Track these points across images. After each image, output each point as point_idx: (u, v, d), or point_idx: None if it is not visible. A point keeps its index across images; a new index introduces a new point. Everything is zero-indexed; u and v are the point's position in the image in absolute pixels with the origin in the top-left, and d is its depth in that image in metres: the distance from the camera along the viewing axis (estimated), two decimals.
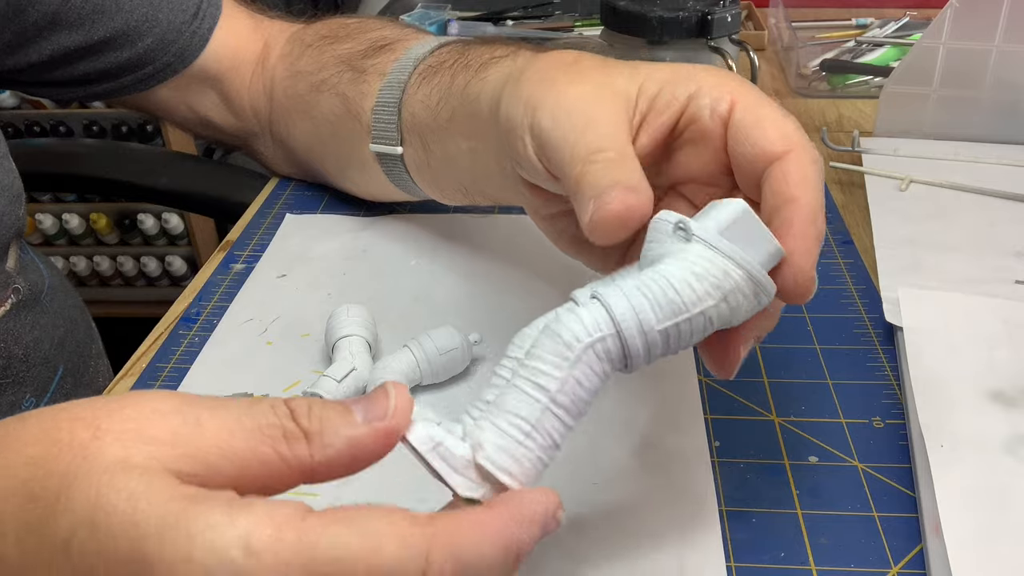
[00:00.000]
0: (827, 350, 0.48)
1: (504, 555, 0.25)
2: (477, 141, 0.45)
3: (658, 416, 0.44)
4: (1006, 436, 0.40)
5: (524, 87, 0.39)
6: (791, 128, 0.35)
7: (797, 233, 0.33)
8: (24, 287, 0.58)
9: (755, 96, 0.36)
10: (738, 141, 0.35)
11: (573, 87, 0.37)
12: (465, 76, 0.47)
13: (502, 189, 0.45)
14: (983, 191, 0.61)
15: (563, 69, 0.39)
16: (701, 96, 0.36)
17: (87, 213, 1.83)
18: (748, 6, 0.98)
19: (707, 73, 0.37)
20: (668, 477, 0.41)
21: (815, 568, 0.36)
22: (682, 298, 0.30)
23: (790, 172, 0.34)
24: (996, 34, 0.64)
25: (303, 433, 0.26)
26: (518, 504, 0.26)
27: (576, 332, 0.29)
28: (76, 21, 0.60)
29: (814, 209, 0.33)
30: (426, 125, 0.50)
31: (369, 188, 0.61)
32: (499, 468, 0.28)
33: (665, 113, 0.37)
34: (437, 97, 0.49)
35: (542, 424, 0.28)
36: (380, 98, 0.54)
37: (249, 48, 0.65)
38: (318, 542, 0.23)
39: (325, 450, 0.26)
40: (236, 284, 0.56)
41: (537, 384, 0.29)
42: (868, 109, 0.77)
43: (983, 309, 0.48)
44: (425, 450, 0.27)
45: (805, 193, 0.33)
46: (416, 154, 0.53)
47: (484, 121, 0.43)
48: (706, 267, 0.30)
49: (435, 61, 0.51)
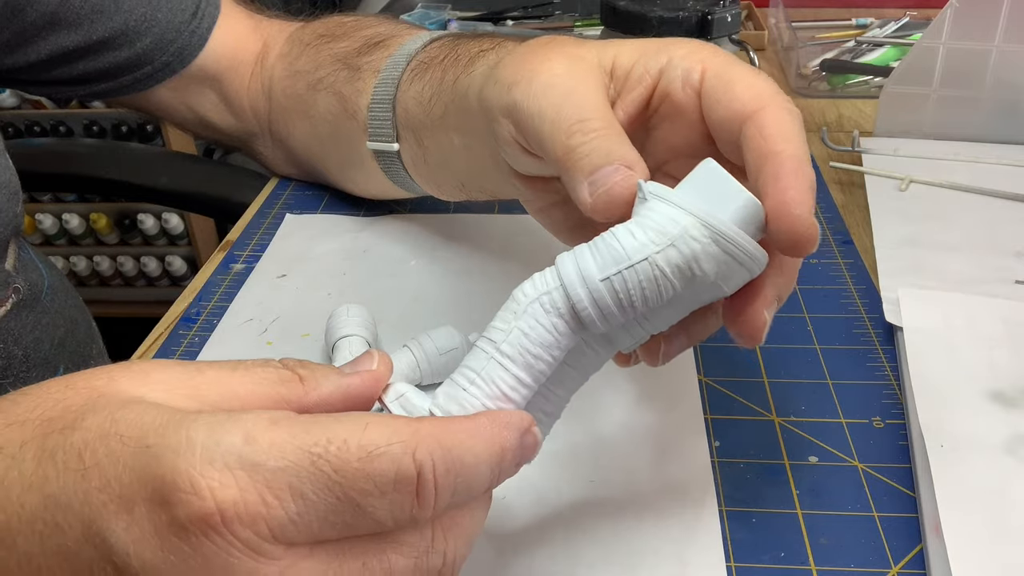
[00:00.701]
0: (827, 350, 0.48)
1: (489, 455, 0.26)
2: (470, 136, 0.45)
3: (658, 416, 0.44)
4: (1006, 436, 0.40)
5: (501, 71, 0.39)
6: (762, 85, 0.34)
7: (784, 185, 0.31)
8: (24, 287, 0.58)
9: (725, 60, 0.35)
10: (711, 107, 0.35)
11: (547, 63, 0.37)
12: (455, 71, 0.47)
13: (498, 184, 0.45)
14: (983, 191, 0.61)
15: (537, 49, 0.38)
16: (672, 68, 0.36)
17: (87, 213, 1.83)
18: (748, 6, 0.98)
19: (677, 45, 0.37)
20: (668, 477, 0.41)
21: (815, 568, 0.36)
22: (622, 245, 0.30)
23: (766, 126, 0.33)
24: (996, 34, 0.64)
25: (297, 376, 0.28)
26: (494, 413, 0.28)
27: (525, 290, 0.30)
28: (75, 21, 0.60)
29: (798, 159, 0.32)
30: (420, 122, 0.50)
31: (369, 186, 0.61)
32: (444, 412, 0.29)
33: (638, 87, 0.37)
34: (429, 93, 0.49)
35: (487, 372, 0.29)
36: (375, 95, 0.54)
37: (248, 48, 0.65)
38: (311, 426, 0.25)
39: (319, 389, 0.28)
40: (236, 284, 0.56)
41: (487, 339, 0.30)
42: (868, 109, 0.77)
43: (983, 309, 0.48)
44: (389, 400, 0.29)
45: (786, 145, 0.32)
46: (412, 150, 0.53)
47: (474, 115, 0.43)
48: (651, 216, 0.30)
49: (426, 57, 0.51)
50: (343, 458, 0.24)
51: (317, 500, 0.24)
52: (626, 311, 0.30)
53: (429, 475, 0.25)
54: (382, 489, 0.24)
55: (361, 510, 0.24)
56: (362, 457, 0.24)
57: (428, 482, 0.25)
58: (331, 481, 0.24)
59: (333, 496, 0.24)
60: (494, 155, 0.42)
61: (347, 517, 0.24)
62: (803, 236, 0.31)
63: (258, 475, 0.23)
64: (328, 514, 0.24)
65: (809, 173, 0.32)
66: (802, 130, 0.34)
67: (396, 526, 0.26)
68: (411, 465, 0.25)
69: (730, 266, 0.30)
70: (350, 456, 0.24)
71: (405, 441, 0.25)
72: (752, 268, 0.31)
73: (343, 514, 0.24)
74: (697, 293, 0.31)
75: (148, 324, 0.54)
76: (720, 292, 0.32)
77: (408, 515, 0.25)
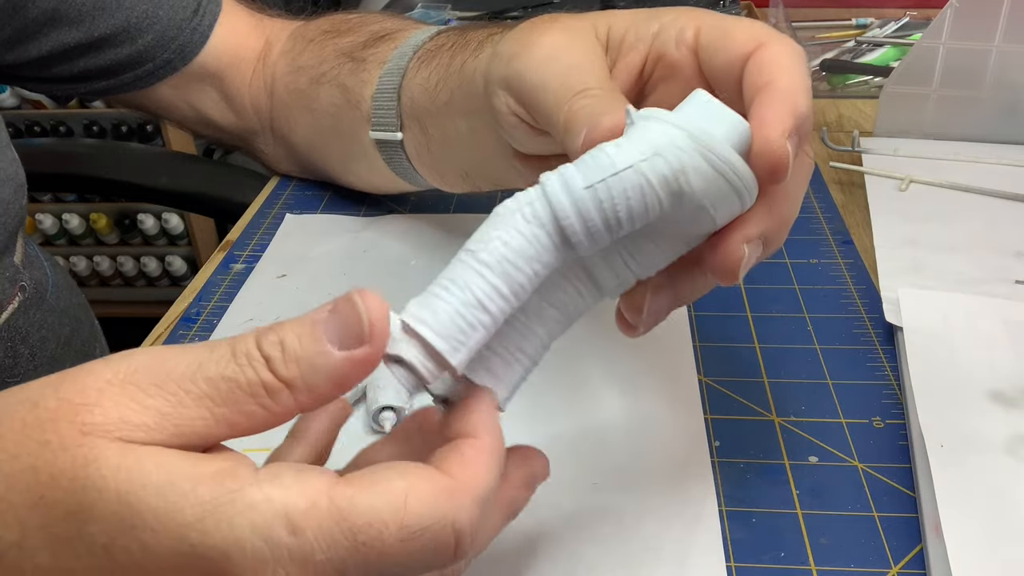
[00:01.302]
0: (827, 350, 0.48)
1: (498, 468, 0.28)
2: (475, 119, 0.45)
3: (658, 415, 0.44)
4: (1006, 436, 0.40)
5: (501, 46, 0.40)
6: (759, 27, 0.34)
7: (765, 104, 0.31)
8: (30, 284, 0.58)
9: (719, 16, 0.36)
10: (710, 57, 0.35)
11: (547, 35, 0.37)
12: (463, 56, 0.47)
13: (501, 169, 0.45)
14: (983, 191, 0.61)
15: (536, 23, 0.39)
16: (664, 30, 0.37)
17: (87, 213, 1.83)
18: (748, 6, 0.98)
19: (667, 11, 0.37)
20: (668, 477, 0.41)
21: (815, 568, 0.36)
22: (608, 154, 0.29)
23: (763, 60, 0.32)
24: (996, 34, 0.64)
25: (284, 384, 0.26)
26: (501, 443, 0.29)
27: (506, 203, 0.29)
28: (76, 17, 0.60)
29: (792, 88, 0.31)
30: (425, 108, 0.50)
31: (372, 179, 0.61)
32: (414, 318, 0.28)
33: (631, 53, 0.37)
34: (436, 79, 0.49)
35: (463, 278, 0.28)
36: (380, 85, 0.54)
37: (250, 45, 0.65)
38: (350, 509, 0.25)
39: (309, 393, 0.26)
40: (236, 284, 0.56)
41: (466, 249, 0.29)
42: (868, 109, 0.77)
43: (983, 309, 0.48)
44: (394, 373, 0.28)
45: (780, 76, 0.32)
46: (416, 139, 0.53)
47: (479, 97, 0.43)
48: (639, 132, 0.29)
49: (434, 45, 0.52)
50: (387, 542, 0.25)
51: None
52: (611, 227, 0.29)
53: (466, 536, 0.26)
54: (424, 562, 0.26)
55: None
56: (404, 539, 0.25)
57: (465, 541, 0.26)
58: (377, 566, 0.25)
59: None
60: (498, 138, 0.42)
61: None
62: (772, 158, 0.30)
63: (308, 570, 0.24)
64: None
65: (800, 102, 0.31)
66: (802, 63, 0.33)
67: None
68: (451, 536, 0.26)
69: (718, 186, 0.29)
70: (392, 538, 0.25)
71: (445, 514, 0.26)
72: (741, 191, 0.30)
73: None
74: (685, 221, 0.30)
75: (148, 324, 0.54)
76: (709, 222, 0.30)
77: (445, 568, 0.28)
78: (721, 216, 0.30)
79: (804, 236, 0.58)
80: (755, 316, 0.51)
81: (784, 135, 0.30)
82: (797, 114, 0.31)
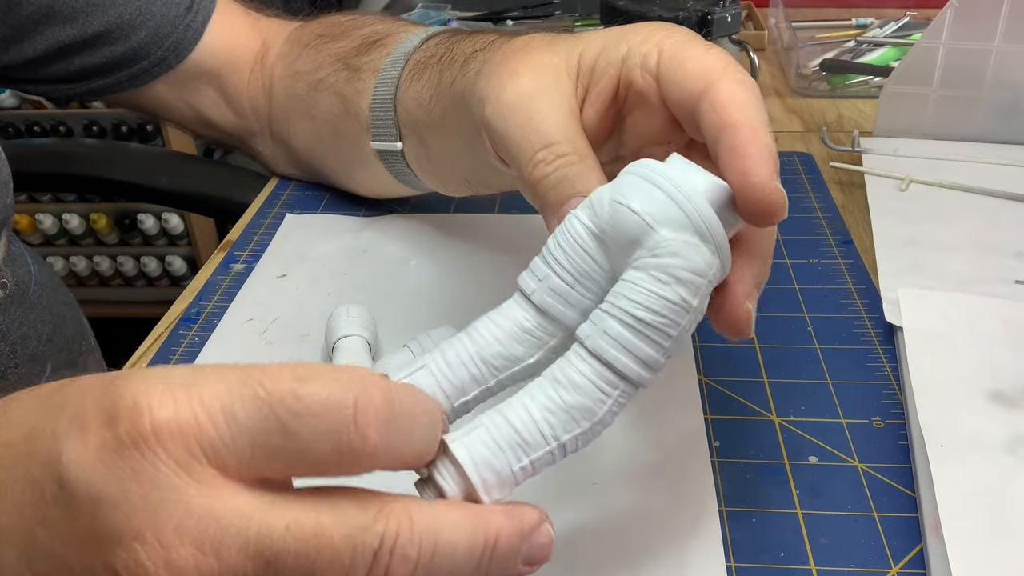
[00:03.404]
0: (827, 350, 0.48)
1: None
2: (470, 137, 0.45)
3: (658, 416, 0.44)
4: (1006, 436, 0.40)
5: (479, 83, 0.39)
6: (712, 60, 0.33)
7: (741, 153, 0.30)
8: (11, 281, 0.58)
9: (680, 39, 0.35)
10: (667, 91, 0.35)
11: (513, 80, 0.37)
12: (451, 73, 0.47)
13: (503, 178, 0.45)
14: (983, 191, 0.61)
15: (509, 59, 0.38)
16: (631, 56, 0.36)
17: (87, 213, 1.83)
18: (748, 6, 0.98)
19: (636, 31, 0.36)
20: (668, 477, 0.41)
21: (815, 568, 0.36)
22: None
23: (717, 101, 0.32)
24: (996, 34, 0.64)
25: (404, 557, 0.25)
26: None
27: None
28: (70, 15, 0.60)
29: (751, 127, 0.31)
30: (421, 122, 0.50)
31: (374, 186, 0.61)
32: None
33: (603, 79, 0.37)
34: (428, 94, 0.49)
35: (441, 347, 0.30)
36: (375, 95, 0.54)
37: (246, 45, 0.65)
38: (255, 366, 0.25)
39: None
40: (236, 284, 0.56)
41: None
42: (868, 109, 0.77)
43: (983, 309, 0.48)
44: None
45: (739, 115, 0.31)
46: (415, 149, 0.53)
47: (470, 119, 0.43)
48: None
49: (423, 56, 0.51)
50: (278, 378, 0.24)
51: (247, 420, 0.24)
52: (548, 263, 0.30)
53: (369, 417, 0.24)
54: (313, 410, 0.24)
55: (293, 434, 0.24)
56: (295, 378, 0.24)
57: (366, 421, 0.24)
58: (262, 400, 0.24)
59: (262, 414, 0.24)
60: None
61: (278, 439, 0.24)
62: (767, 201, 0.30)
63: (194, 394, 0.24)
64: (258, 435, 0.24)
65: (766, 140, 0.31)
66: (757, 99, 0.33)
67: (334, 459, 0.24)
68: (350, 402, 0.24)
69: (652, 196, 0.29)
70: (284, 377, 0.24)
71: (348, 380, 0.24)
72: (690, 213, 0.29)
73: (273, 435, 0.24)
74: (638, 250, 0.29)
75: (148, 324, 0.54)
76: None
77: (345, 444, 0.24)
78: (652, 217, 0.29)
79: (804, 236, 0.59)
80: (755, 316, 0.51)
81: (772, 176, 0.30)
82: (772, 153, 0.31)
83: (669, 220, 0.29)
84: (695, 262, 0.29)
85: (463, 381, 0.30)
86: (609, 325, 0.28)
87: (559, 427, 0.28)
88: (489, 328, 0.30)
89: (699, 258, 0.29)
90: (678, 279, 0.28)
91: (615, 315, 0.28)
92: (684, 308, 0.29)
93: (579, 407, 0.28)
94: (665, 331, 0.28)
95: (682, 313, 0.29)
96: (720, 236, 0.30)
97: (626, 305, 0.28)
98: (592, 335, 0.28)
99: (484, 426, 0.28)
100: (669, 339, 0.29)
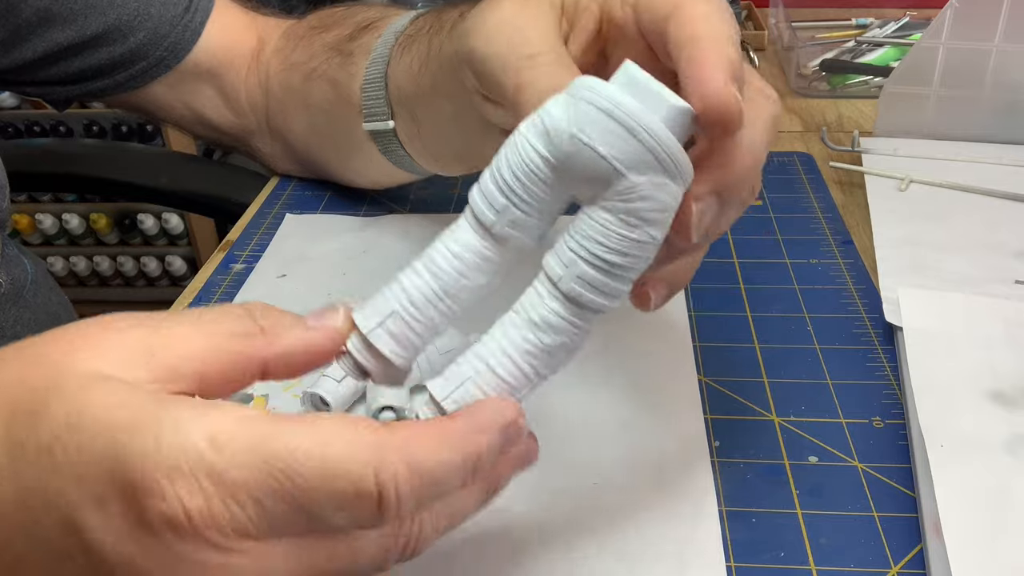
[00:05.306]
0: (827, 350, 0.48)
1: (462, 459, 0.27)
2: (458, 101, 0.45)
3: (658, 416, 0.44)
4: (1006, 436, 0.40)
5: (463, 24, 0.39)
6: None
7: (699, 62, 0.30)
8: (6, 281, 0.59)
9: None
10: (640, 17, 0.34)
11: (496, 8, 0.37)
12: (439, 39, 0.47)
13: (493, 148, 0.44)
14: (983, 191, 0.61)
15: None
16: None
17: (87, 213, 1.83)
18: (748, 6, 0.98)
19: None
20: (668, 477, 0.41)
21: (815, 568, 0.36)
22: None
23: (682, 17, 0.32)
24: (996, 34, 0.64)
25: (259, 328, 0.28)
26: (473, 412, 0.28)
27: None
28: (69, 16, 0.60)
29: (715, 38, 0.30)
30: (411, 94, 0.50)
31: (370, 172, 0.61)
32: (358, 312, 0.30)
33: (585, 15, 0.37)
34: (418, 64, 0.49)
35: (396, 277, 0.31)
36: (367, 75, 0.54)
37: (244, 43, 0.65)
38: (274, 437, 0.25)
39: (280, 342, 0.28)
40: (236, 284, 0.56)
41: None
42: (868, 109, 0.77)
43: (983, 309, 0.48)
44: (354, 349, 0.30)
45: (702, 27, 0.31)
46: (407, 126, 0.52)
47: (456, 78, 0.42)
48: None
49: (413, 29, 0.51)
50: (304, 475, 0.25)
51: (276, 510, 0.25)
52: (502, 189, 0.30)
53: (391, 491, 0.25)
54: (340, 505, 0.25)
55: (320, 520, 0.25)
56: (322, 475, 0.25)
57: (390, 496, 0.25)
58: (290, 496, 0.25)
59: (291, 508, 0.25)
60: (482, 118, 0.42)
61: (307, 524, 0.25)
62: (720, 107, 0.29)
63: (222, 485, 0.24)
64: (287, 523, 0.25)
65: (727, 50, 0.30)
66: (723, 14, 0.32)
67: (360, 529, 0.26)
68: (372, 485, 0.25)
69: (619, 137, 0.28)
70: (310, 472, 0.25)
71: (367, 461, 0.25)
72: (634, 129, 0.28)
73: (301, 523, 0.25)
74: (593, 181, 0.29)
75: None
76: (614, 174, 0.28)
77: (370, 522, 0.26)
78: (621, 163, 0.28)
79: (804, 236, 0.59)
80: (755, 316, 0.51)
81: (727, 82, 0.29)
82: (731, 60, 0.30)
83: (637, 163, 0.28)
84: (664, 201, 0.29)
85: (432, 320, 0.30)
86: (583, 270, 0.29)
87: (541, 366, 0.30)
88: (450, 261, 0.30)
89: (667, 196, 0.29)
90: (648, 220, 0.29)
91: (587, 259, 0.29)
92: (653, 244, 0.29)
93: (558, 345, 0.29)
94: (635, 267, 0.29)
95: (651, 248, 0.29)
96: (688, 170, 0.29)
97: (598, 250, 0.29)
98: (565, 278, 0.29)
99: (471, 379, 0.29)
100: (637, 271, 0.30)
